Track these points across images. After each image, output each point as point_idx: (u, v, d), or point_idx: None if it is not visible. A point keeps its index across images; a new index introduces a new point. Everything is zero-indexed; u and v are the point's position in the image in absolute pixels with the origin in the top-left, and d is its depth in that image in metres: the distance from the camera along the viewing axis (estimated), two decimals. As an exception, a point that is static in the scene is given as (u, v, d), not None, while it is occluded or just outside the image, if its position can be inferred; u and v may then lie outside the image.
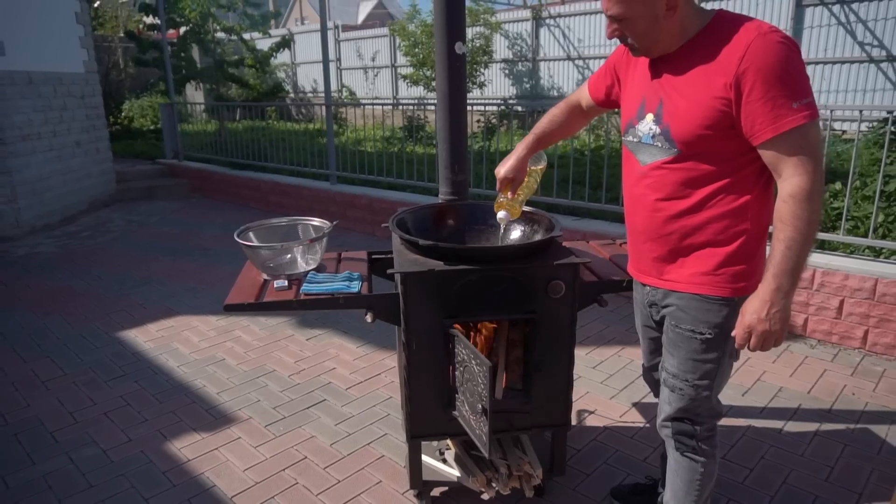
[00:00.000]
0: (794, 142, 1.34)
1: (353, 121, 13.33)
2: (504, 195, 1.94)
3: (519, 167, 1.90)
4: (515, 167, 1.89)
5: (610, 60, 1.73)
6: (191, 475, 2.35)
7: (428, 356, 1.88)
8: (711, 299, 1.51)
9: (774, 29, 1.37)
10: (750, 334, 1.41)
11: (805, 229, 1.34)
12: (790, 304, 1.39)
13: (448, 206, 2.30)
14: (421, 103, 11.57)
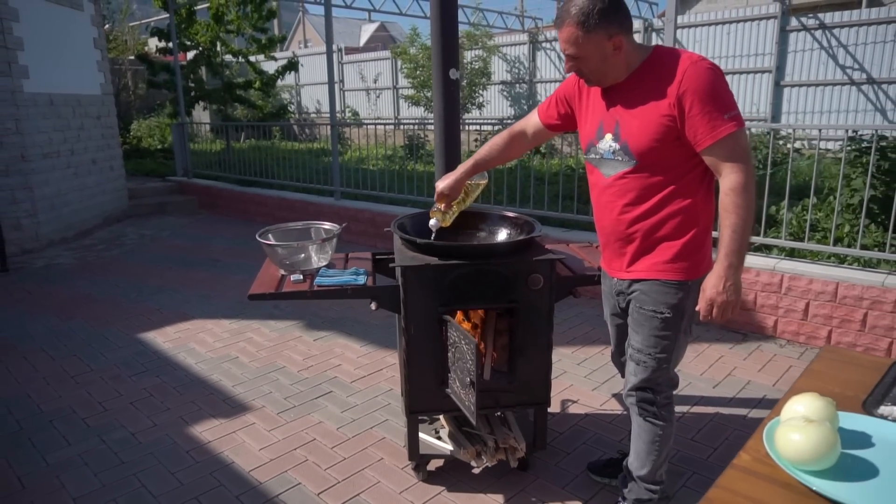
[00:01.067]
0: (729, 146, 1.64)
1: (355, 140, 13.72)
2: (438, 206, 2.24)
3: (455, 186, 2.19)
4: (452, 186, 2.19)
5: (560, 92, 2.02)
6: (211, 453, 2.61)
7: (424, 340, 2.16)
8: (669, 284, 1.80)
9: (702, 58, 1.68)
10: (712, 306, 1.70)
11: (745, 215, 1.65)
12: (740, 277, 1.69)
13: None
14: (422, 123, 11.96)
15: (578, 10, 1.69)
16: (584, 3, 1.69)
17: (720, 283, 1.68)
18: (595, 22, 1.68)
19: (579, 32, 1.70)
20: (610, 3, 1.68)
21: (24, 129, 6.00)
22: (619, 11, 1.71)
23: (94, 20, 7.55)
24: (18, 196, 6.02)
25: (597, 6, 1.67)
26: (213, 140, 10.87)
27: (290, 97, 16.77)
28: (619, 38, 1.71)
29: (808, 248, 3.83)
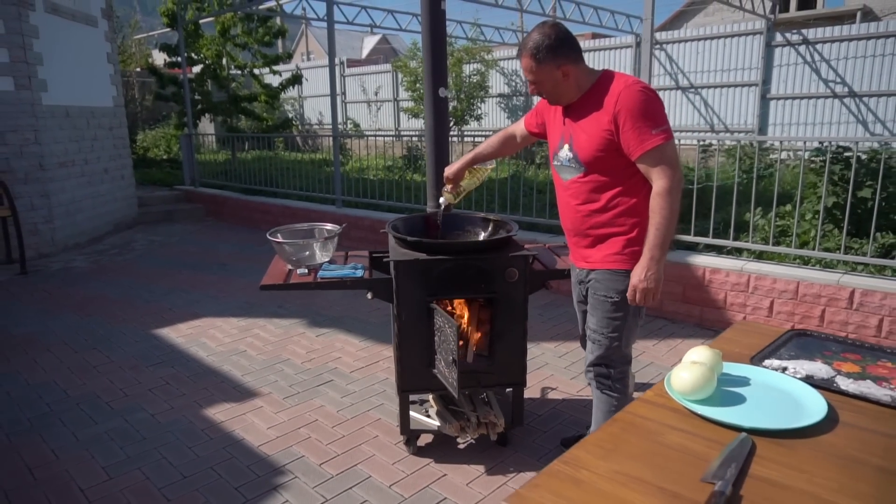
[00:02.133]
0: (656, 156, 1.95)
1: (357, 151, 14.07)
2: (446, 188, 2.57)
3: (458, 174, 2.54)
4: (455, 172, 2.54)
5: (538, 106, 2.35)
6: (224, 431, 2.90)
7: (414, 326, 2.46)
8: (618, 272, 2.10)
9: (637, 81, 1.99)
10: (635, 292, 2.00)
11: (668, 215, 1.95)
12: (662, 269, 2.00)
13: (431, 214, 2.90)
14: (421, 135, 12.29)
15: (532, 45, 2.03)
16: (536, 39, 2.02)
17: (643, 272, 1.99)
18: (544, 55, 2.01)
19: (532, 63, 2.04)
20: (556, 39, 2.01)
21: (43, 140, 6.33)
22: (565, 46, 2.03)
23: (108, 36, 7.92)
24: (36, 203, 6.34)
25: (545, 42, 2.00)
26: (218, 151, 11.23)
27: (293, 109, 17.17)
28: (566, 68, 2.03)
29: (772, 251, 4.13)
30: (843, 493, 0.94)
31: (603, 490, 0.97)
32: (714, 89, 10.19)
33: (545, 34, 2.03)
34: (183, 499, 2.39)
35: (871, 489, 0.95)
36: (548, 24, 2.08)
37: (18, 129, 6.13)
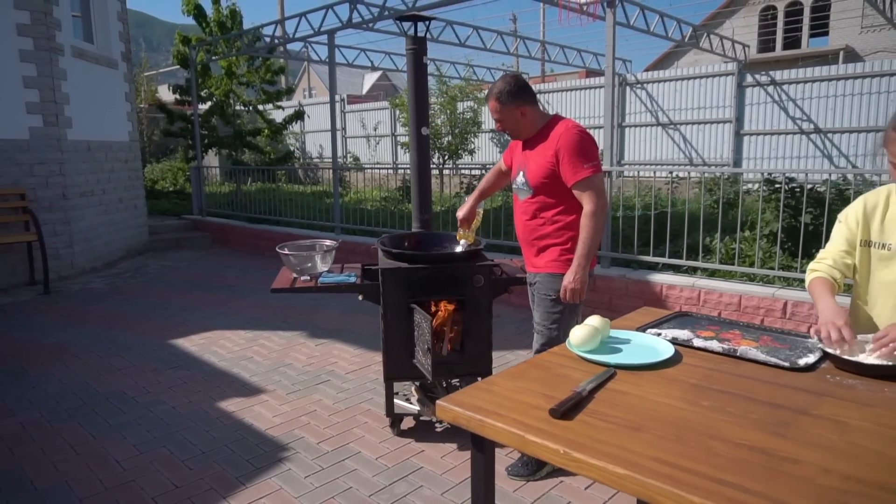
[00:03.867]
0: (585, 185, 2.49)
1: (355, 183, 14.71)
2: (462, 230, 3.06)
3: (470, 213, 3.03)
4: (467, 212, 3.02)
5: (510, 145, 2.90)
6: (235, 419, 3.38)
7: (397, 323, 2.96)
8: (556, 275, 2.62)
9: (576, 125, 2.54)
10: (566, 291, 2.51)
11: (592, 233, 2.48)
12: (586, 273, 2.51)
13: (414, 233, 3.44)
14: (417, 168, 12.93)
15: (497, 91, 2.59)
16: (500, 87, 2.59)
17: (572, 276, 2.50)
18: (507, 98, 2.57)
19: (498, 105, 2.59)
20: (516, 87, 2.57)
21: (66, 172, 6.90)
22: (523, 92, 2.58)
23: (126, 77, 8.58)
24: (59, 229, 6.88)
25: (507, 89, 2.56)
26: (222, 183, 11.83)
27: (295, 143, 17.87)
28: (524, 109, 2.58)
29: (718, 269, 4.66)
30: (664, 396, 1.44)
31: (504, 394, 1.47)
32: (692, 126, 10.83)
33: (508, 83, 2.60)
34: (202, 467, 2.86)
35: (683, 394, 1.45)
36: (510, 75, 2.65)
37: (45, 162, 6.71)
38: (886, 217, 1.84)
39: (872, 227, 1.86)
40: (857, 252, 1.90)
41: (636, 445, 1.21)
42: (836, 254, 1.95)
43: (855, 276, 1.93)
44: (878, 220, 1.86)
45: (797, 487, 1.05)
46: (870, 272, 1.88)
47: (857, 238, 1.90)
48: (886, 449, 1.18)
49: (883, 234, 1.84)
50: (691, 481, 1.08)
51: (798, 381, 1.52)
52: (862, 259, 1.89)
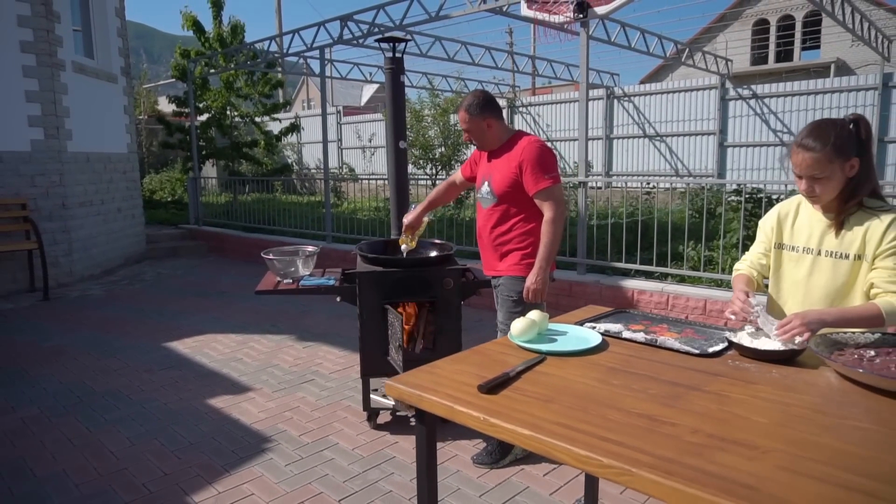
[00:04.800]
0: (545, 194, 2.72)
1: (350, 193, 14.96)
2: (406, 236, 3.30)
3: (416, 220, 3.27)
4: (413, 220, 3.26)
5: (472, 156, 3.13)
6: (223, 414, 3.59)
7: (372, 323, 3.19)
8: (517, 277, 2.85)
9: (537, 139, 2.79)
10: (528, 291, 2.74)
11: (552, 238, 2.71)
12: (546, 276, 2.74)
13: (391, 240, 3.67)
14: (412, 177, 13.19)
15: (466, 104, 2.84)
16: (469, 100, 2.84)
17: (534, 277, 2.74)
18: (475, 111, 2.82)
19: (467, 116, 2.84)
20: (484, 101, 2.82)
21: (66, 182, 7.15)
22: (490, 106, 2.84)
23: (125, 90, 8.84)
24: (58, 238, 7.11)
25: (475, 102, 2.81)
26: (220, 194, 12.08)
27: (292, 154, 18.16)
28: (490, 121, 2.83)
29: (684, 274, 4.89)
30: (581, 376, 1.67)
31: (444, 375, 1.70)
32: (677, 137, 11.12)
33: (476, 97, 2.85)
34: (190, 457, 3.08)
35: (598, 375, 1.68)
36: (479, 90, 2.91)
37: (46, 173, 6.96)
38: (796, 223, 2.08)
39: (784, 232, 2.10)
40: (772, 254, 2.14)
41: (545, 413, 1.44)
42: (755, 255, 2.19)
43: (770, 275, 2.17)
44: (789, 225, 2.09)
45: (665, 443, 1.28)
46: (782, 272, 2.12)
47: (771, 241, 2.14)
48: (752, 415, 1.41)
49: (793, 238, 2.07)
50: (581, 439, 1.31)
51: (702, 365, 1.75)
52: (776, 260, 2.13)
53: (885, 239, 1.82)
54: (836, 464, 1.18)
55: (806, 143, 1.84)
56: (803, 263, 2.00)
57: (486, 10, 5.93)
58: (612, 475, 1.22)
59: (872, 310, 1.78)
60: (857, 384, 1.57)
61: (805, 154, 1.84)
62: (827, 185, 1.85)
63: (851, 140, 1.83)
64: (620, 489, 2.73)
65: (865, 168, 1.85)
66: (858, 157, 1.83)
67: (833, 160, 1.81)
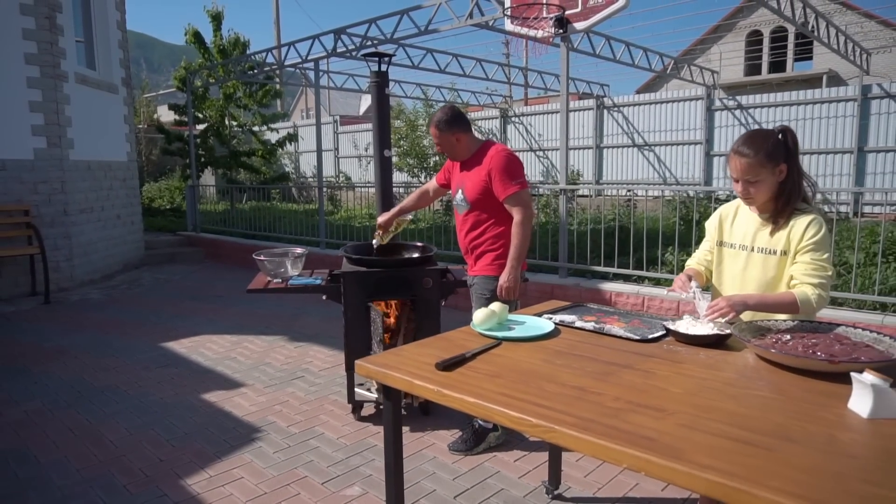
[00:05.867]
0: (513, 200, 2.94)
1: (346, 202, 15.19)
2: (378, 233, 3.53)
3: (388, 221, 3.50)
4: (387, 220, 3.49)
5: (446, 165, 3.36)
6: (217, 408, 3.79)
7: (357, 320, 3.40)
8: (490, 277, 3.06)
9: (505, 148, 3.01)
10: (501, 289, 2.96)
11: (520, 240, 2.93)
12: (517, 274, 2.95)
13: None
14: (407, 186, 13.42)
15: (436, 120, 3.07)
16: (439, 116, 3.06)
17: (505, 276, 2.95)
18: (444, 126, 3.04)
19: (437, 131, 3.07)
20: (452, 117, 3.04)
21: (68, 190, 7.37)
22: (458, 121, 3.06)
23: (126, 100, 9.08)
24: (59, 243, 7.32)
25: (444, 118, 3.04)
26: (218, 202, 12.31)
27: (290, 162, 18.41)
28: (458, 135, 3.06)
29: (664, 277, 5.11)
30: (529, 357, 1.88)
31: (408, 357, 1.91)
32: (665, 147, 11.36)
33: (445, 113, 3.07)
34: (184, 445, 3.28)
35: (544, 356, 1.89)
36: (448, 107, 3.13)
37: (48, 181, 7.18)
38: (735, 223, 2.30)
39: (725, 231, 2.32)
40: (715, 251, 2.36)
41: (491, 386, 1.65)
42: (702, 253, 2.42)
43: (713, 270, 2.39)
44: (728, 225, 2.32)
45: (588, 407, 1.49)
46: (723, 267, 2.34)
47: (714, 240, 2.36)
48: (671, 387, 1.62)
49: (732, 237, 2.30)
50: (517, 405, 1.52)
51: (639, 349, 1.96)
52: (717, 256, 2.35)
53: (805, 236, 2.04)
54: (728, 422, 1.40)
55: (741, 151, 2.08)
56: (739, 259, 2.22)
57: (472, 25, 6.18)
58: (539, 433, 1.43)
59: (788, 297, 2.00)
60: (770, 363, 1.78)
61: (740, 160, 2.07)
62: (760, 187, 2.07)
63: (780, 148, 2.06)
64: (584, 473, 2.94)
65: (793, 174, 2.08)
66: (786, 164, 2.06)
67: (764, 165, 2.04)
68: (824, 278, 2.00)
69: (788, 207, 2.08)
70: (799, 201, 2.10)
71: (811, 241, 2.03)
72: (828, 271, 2.02)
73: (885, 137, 9.14)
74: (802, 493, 1.09)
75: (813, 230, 2.04)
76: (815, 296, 1.98)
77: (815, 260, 2.01)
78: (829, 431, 1.34)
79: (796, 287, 2.03)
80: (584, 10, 4.97)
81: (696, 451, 1.26)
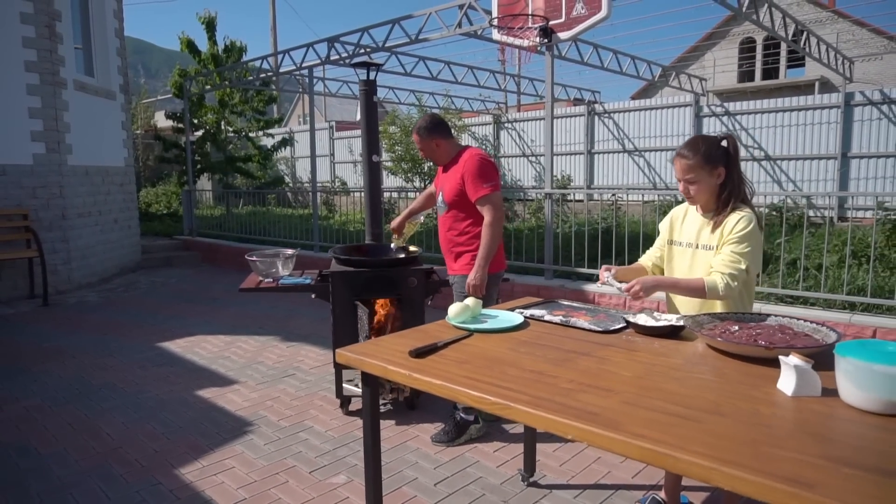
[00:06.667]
0: (485, 201, 3.10)
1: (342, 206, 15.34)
2: (395, 237, 3.69)
3: (400, 225, 3.65)
4: (398, 225, 3.65)
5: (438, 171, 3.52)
6: (210, 403, 3.93)
7: (344, 317, 3.55)
8: (467, 276, 3.22)
9: (480, 152, 3.17)
10: (469, 287, 3.11)
11: (489, 241, 3.09)
12: (485, 273, 3.11)
13: (364, 244, 4.04)
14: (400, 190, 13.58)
15: (418, 127, 3.23)
16: (420, 124, 3.23)
17: (473, 274, 3.11)
18: (424, 133, 3.21)
19: (418, 137, 3.23)
20: (432, 124, 3.21)
21: (66, 194, 7.51)
22: (438, 128, 3.22)
23: (123, 107, 9.24)
24: (57, 247, 7.46)
25: (423, 126, 3.20)
26: (215, 207, 12.47)
27: (287, 168, 18.57)
28: (438, 141, 3.22)
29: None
30: (496, 346, 2.03)
31: (386, 346, 2.06)
32: (654, 152, 11.56)
33: (426, 121, 3.24)
34: (179, 438, 3.42)
35: (510, 346, 2.04)
36: (428, 115, 3.30)
37: (47, 186, 7.32)
38: (684, 223, 2.47)
39: (675, 231, 2.49)
40: (666, 249, 2.53)
41: (458, 370, 1.81)
42: (653, 250, 2.60)
43: (665, 266, 2.56)
44: (678, 225, 2.49)
45: (543, 388, 1.65)
46: (673, 263, 2.51)
47: (665, 239, 2.53)
48: (621, 371, 1.78)
49: (680, 236, 2.47)
50: (479, 386, 1.67)
51: (600, 339, 2.12)
52: (668, 254, 2.52)
53: (734, 230, 2.23)
54: (667, 400, 1.55)
55: (682, 153, 2.26)
56: (686, 256, 2.39)
57: (461, 34, 6.35)
58: (496, 409, 1.59)
59: (698, 283, 2.21)
60: (717, 351, 1.94)
61: (682, 161, 2.25)
62: (699, 187, 2.25)
63: (719, 152, 2.23)
64: (559, 462, 3.09)
65: (732, 177, 2.24)
66: (725, 168, 2.22)
67: (703, 167, 2.21)
68: (735, 270, 2.18)
69: (727, 208, 2.26)
70: (738, 202, 2.27)
71: (736, 234, 2.21)
72: (741, 263, 2.18)
73: (867, 143, 9.34)
74: (717, 455, 1.25)
75: (741, 225, 2.21)
76: (722, 283, 2.17)
77: (733, 252, 2.20)
78: (755, 407, 1.50)
79: (710, 274, 2.21)
80: (568, 20, 5.15)
81: (633, 423, 1.42)
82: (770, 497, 1.16)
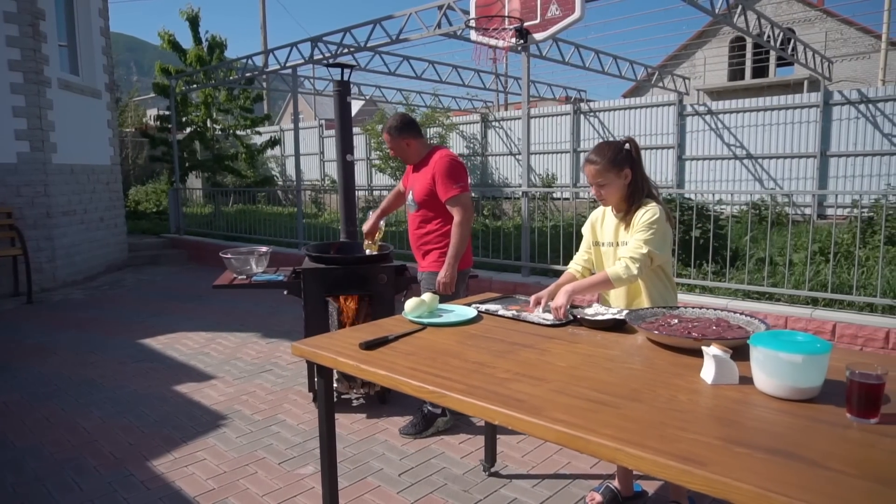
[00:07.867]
0: (454, 201, 3.19)
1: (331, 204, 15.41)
2: (368, 241, 3.76)
3: (373, 227, 3.72)
4: (371, 227, 3.71)
5: (407, 170, 3.60)
6: (187, 398, 4.01)
7: (316, 313, 3.63)
8: (436, 273, 3.31)
9: (449, 153, 3.26)
10: (439, 284, 3.20)
11: (458, 240, 3.18)
12: (454, 271, 3.20)
13: (337, 242, 4.13)
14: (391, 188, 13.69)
15: (388, 126, 3.32)
16: (391, 123, 3.31)
17: (443, 272, 3.20)
18: (395, 133, 3.29)
19: (388, 137, 3.31)
20: (402, 123, 3.29)
21: (51, 193, 7.56)
22: (408, 127, 3.31)
23: (109, 105, 9.28)
24: (42, 245, 7.50)
25: (394, 125, 3.29)
26: (204, 205, 12.51)
27: (276, 166, 18.61)
28: (408, 140, 3.31)
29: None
30: (445, 339, 2.12)
31: (340, 339, 2.15)
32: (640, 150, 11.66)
33: (397, 120, 3.32)
34: (154, 431, 3.50)
35: (459, 339, 2.13)
36: (399, 114, 3.39)
37: (31, 184, 7.37)
38: (603, 225, 2.59)
39: (597, 233, 2.61)
40: (592, 251, 2.64)
41: (404, 362, 1.90)
42: (580, 255, 2.71)
43: (595, 268, 2.66)
44: (599, 227, 2.61)
45: (480, 378, 1.74)
46: (602, 264, 2.61)
47: (590, 242, 2.64)
48: (557, 362, 1.87)
49: (602, 236, 2.59)
50: (420, 376, 1.76)
51: (546, 332, 2.21)
52: (596, 256, 2.63)
53: (641, 221, 2.37)
54: (593, 388, 1.65)
55: (591, 158, 2.42)
56: (610, 255, 2.52)
57: (440, 35, 6.44)
58: (433, 397, 1.68)
59: (602, 276, 2.34)
60: (656, 343, 2.04)
61: (590, 166, 2.40)
62: (609, 189, 2.39)
63: (624, 155, 2.37)
64: (522, 454, 3.18)
65: (637, 177, 2.38)
66: (631, 169, 2.36)
67: (610, 170, 2.35)
68: (637, 254, 2.30)
69: (636, 205, 2.38)
70: (644, 198, 2.39)
71: (641, 224, 2.36)
72: (643, 248, 2.30)
73: (846, 142, 9.48)
74: (624, 437, 1.34)
75: (647, 216, 2.35)
76: (622, 268, 2.29)
77: (637, 240, 2.33)
78: (673, 394, 1.60)
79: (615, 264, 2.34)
80: (543, 21, 5.24)
81: (554, 409, 1.51)
82: (664, 474, 1.25)
